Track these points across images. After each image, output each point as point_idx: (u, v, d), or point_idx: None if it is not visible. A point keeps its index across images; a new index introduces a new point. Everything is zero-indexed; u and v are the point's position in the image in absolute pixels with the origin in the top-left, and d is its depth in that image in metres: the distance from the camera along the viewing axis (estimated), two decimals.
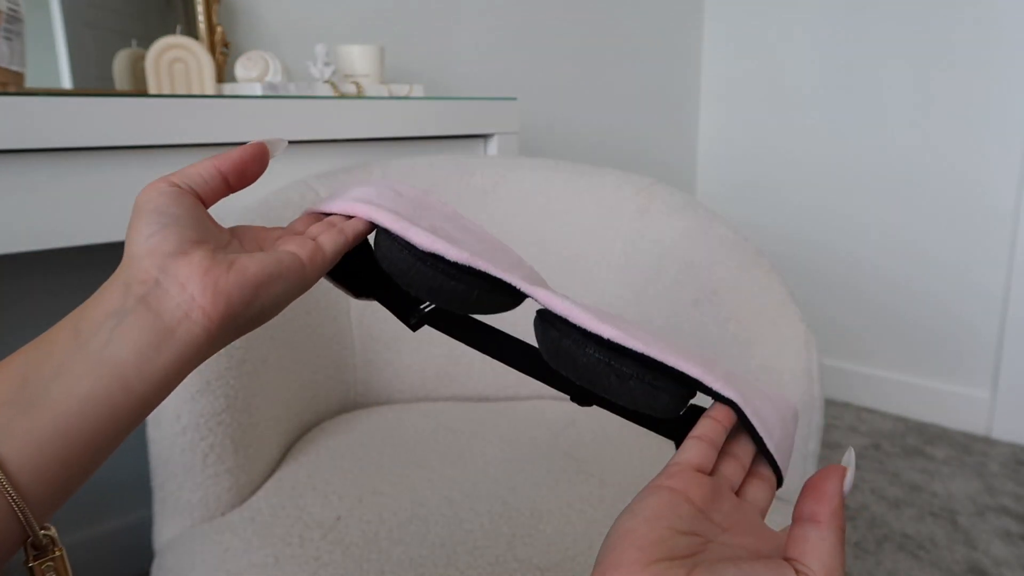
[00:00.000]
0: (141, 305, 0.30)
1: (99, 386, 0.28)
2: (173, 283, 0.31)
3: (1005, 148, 1.61)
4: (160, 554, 0.66)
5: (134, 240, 0.32)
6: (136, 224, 0.32)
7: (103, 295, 0.30)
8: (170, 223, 0.32)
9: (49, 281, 1.00)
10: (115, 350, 0.29)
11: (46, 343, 0.29)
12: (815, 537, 0.28)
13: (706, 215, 0.88)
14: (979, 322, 1.69)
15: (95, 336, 0.29)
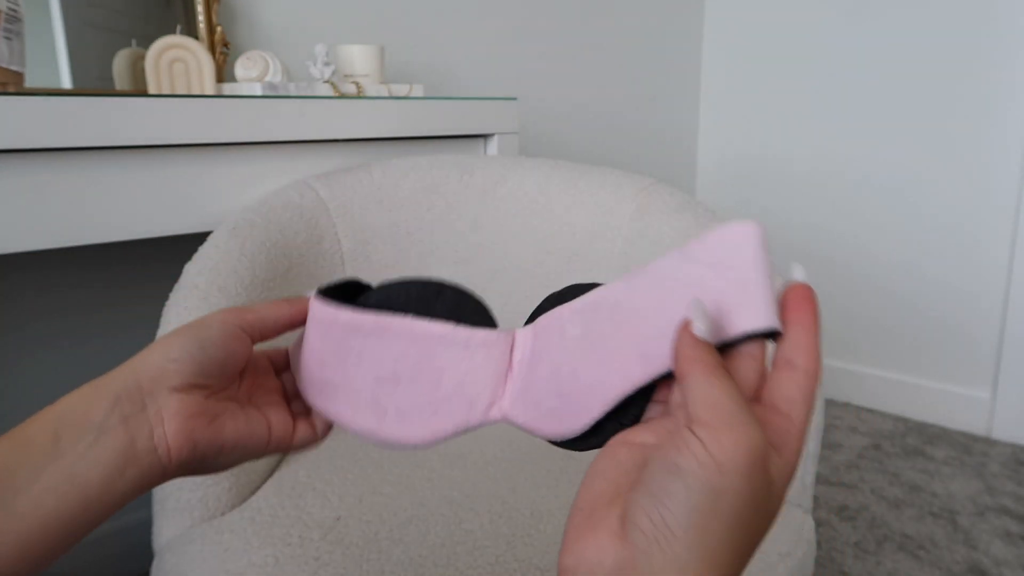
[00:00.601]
0: (121, 425, 0.32)
1: (63, 504, 0.30)
2: (156, 414, 0.33)
3: (1006, 148, 1.61)
4: (160, 554, 0.66)
5: (156, 352, 0.34)
6: (173, 338, 0.34)
7: (91, 398, 0.32)
8: (196, 361, 0.34)
9: (49, 281, 1.01)
10: (85, 469, 0.30)
11: (25, 443, 0.30)
12: (687, 387, 0.27)
13: (706, 215, 0.87)
14: (979, 322, 1.69)
15: (72, 448, 0.30)
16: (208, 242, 0.77)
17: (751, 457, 0.25)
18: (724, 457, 0.25)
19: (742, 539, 0.26)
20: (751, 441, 0.25)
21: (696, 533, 0.25)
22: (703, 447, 0.25)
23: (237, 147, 0.86)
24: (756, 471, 0.25)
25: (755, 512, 0.26)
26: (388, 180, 0.96)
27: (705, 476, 0.25)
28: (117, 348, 1.07)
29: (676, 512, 0.25)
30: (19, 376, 1.00)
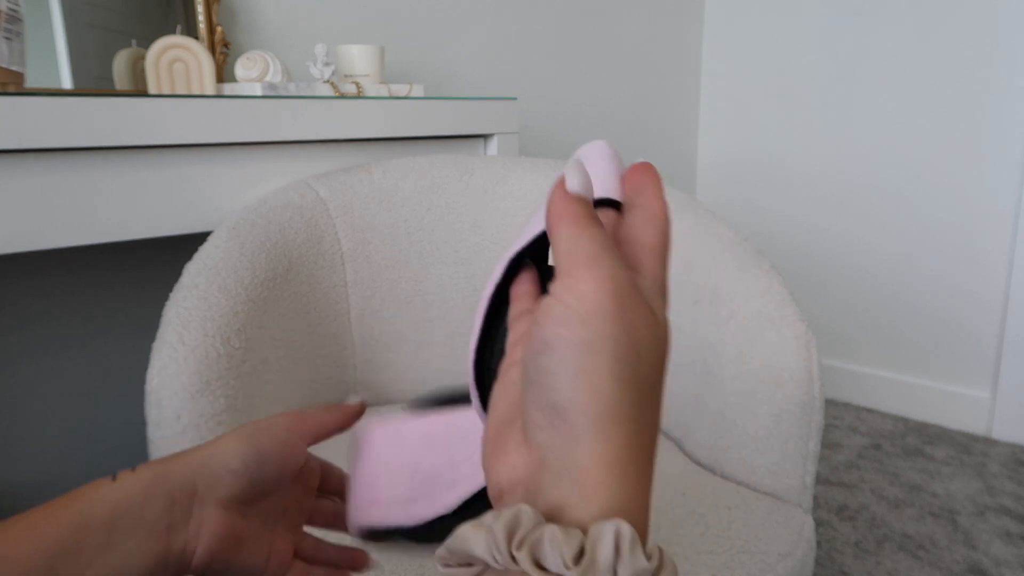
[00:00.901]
0: (165, 533, 0.33)
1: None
2: (196, 529, 0.34)
3: (1005, 149, 1.61)
4: None
5: (219, 457, 0.35)
6: (236, 444, 0.35)
7: (150, 492, 0.33)
8: (252, 478, 0.35)
9: (49, 281, 1.00)
10: (129, 567, 0.32)
11: (83, 528, 0.31)
12: (554, 243, 0.25)
13: (706, 215, 0.87)
14: (979, 322, 1.69)
15: (123, 543, 0.32)
16: (208, 242, 0.77)
17: (615, 292, 0.23)
18: (586, 306, 0.23)
19: (637, 379, 0.23)
20: (612, 275, 0.23)
21: (585, 398, 0.23)
22: (563, 305, 0.23)
23: (237, 147, 0.86)
24: (625, 304, 0.23)
25: (639, 346, 0.24)
26: (388, 180, 0.96)
27: (573, 336, 0.23)
28: (117, 347, 1.07)
29: (559, 387, 0.23)
30: (19, 375, 1.00)
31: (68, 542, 0.31)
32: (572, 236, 0.24)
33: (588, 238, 0.24)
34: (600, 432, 0.23)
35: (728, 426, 0.74)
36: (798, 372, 0.70)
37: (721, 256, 0.82)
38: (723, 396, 0.75)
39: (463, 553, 0.23)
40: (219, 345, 0.68)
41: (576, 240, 0.24)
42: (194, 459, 0.34)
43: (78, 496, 0.32)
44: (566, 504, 0.22)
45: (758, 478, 0.72)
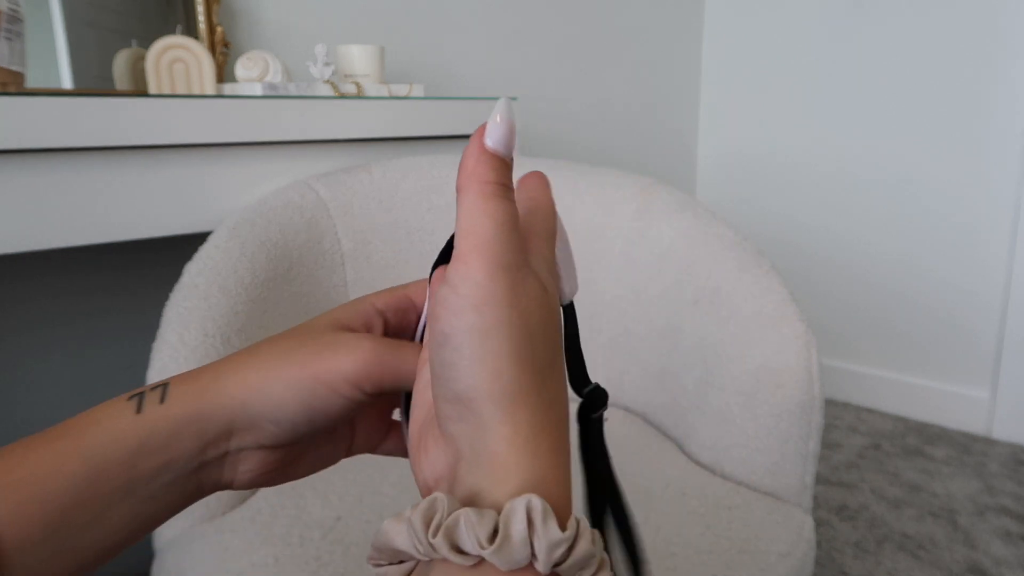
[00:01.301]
0: (195, 472, 0.28)
1: (122, 538, 0.27)
2: (232, 466, 0.29)
3: (1005, 149, 1.61)
4: (160, 554, 0.66)
5: (261, 405, 0.28)
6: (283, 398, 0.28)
7: (177, 430, 0.27)
8: (297, 432, 0.29)
9: (49, 281, 1.00)
10: (154, 510, 0.27)
11: (99, 473, 0.26)
12: (458, 211, 0.25)
13: (706, 215, 0.87)
14: (979, 322, 1.69)
15: (146, 486, 0.27)
16: (208, 242, 0.77)
17: (507, 278, 0.23)
18: (479, 294, 0.23)
19: (535, 358, 0.24)
20: (504, 261, 0.23)
21: (486, 384, 0.23)
22: (456, 295, 0.23)
23: (237, 147, 0.86)
24: (517, 289, 0.23)
25: (533, 327, 0.24)
26: (388, 180, 0.96)
27: (468, 325, 0.23)
28: (117, 347, 1.07)
29: (461, 377, 0.23)
30: (18, 375, 1.00)
31: (82, 491, 0.25)
32: (474, 212, 0.24)
33: (490, 216, 0.24)
34: (505, 414, 0.23)
35: (728, 426, 0.74)
36: (798, 372, 0.70)
37: (721, 256, 0.82)
38: (723, 396, 0.75)
39: (388, 549, 0.23)
40: (219, 345, 0.68)
41: (477, 218, 0.24)
42: (234, 399, 0.28)
43: (93, 426, 0.26)
44: (482, 489, 0.23)
45: (758, 478, 0.72)
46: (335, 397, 0.28)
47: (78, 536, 0.25)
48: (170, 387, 0.28)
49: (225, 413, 0.28)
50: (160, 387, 0.28)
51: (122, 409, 0.27)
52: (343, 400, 0.28)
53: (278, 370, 0.28)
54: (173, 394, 0.27)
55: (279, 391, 0.28)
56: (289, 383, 0.28)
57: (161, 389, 0.28)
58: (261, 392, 0.28)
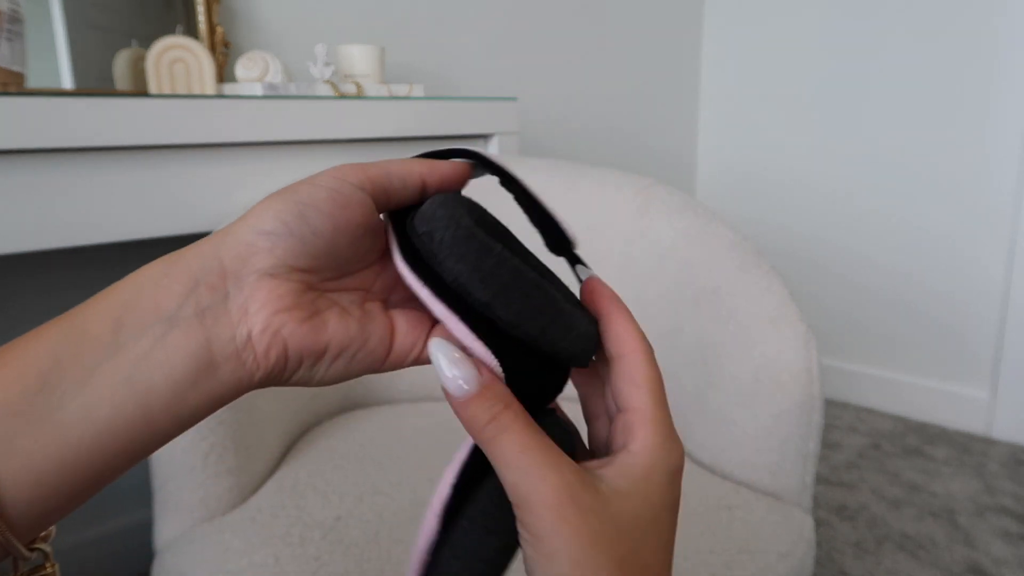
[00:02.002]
0: (196, 320, 0.24)
1: (120, 415, 0.23)
2: (240, 308, 0.25)
3: (1004, 149, 1.61)
4: (160, 554, 0.66)
5: (246, 222, 0.26)
6: (268, 203, 0.26)
7: (163, 280, 0.24)
8: (294, 235, 0.26)
9: (49, 281, 1.00)
10: (149, 372, 0.23)
11: (79, 332, 0.23)
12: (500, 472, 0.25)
13: (706, 215, 0.88)
14: (979, 322, 1.69)
15: (135, 342, 0.23)
16: None
17: (558, 499, 0.24)
18: (537, 529, 0.24)
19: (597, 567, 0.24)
20: (557, 483, 0.24)
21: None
22: (529, 544, 0.24)
23: (237, 147, 0.86)
24: (575, 522, 0.24)
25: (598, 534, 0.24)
26: None
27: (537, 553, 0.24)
28: None
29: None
30: None
31: (56, 350, 0.23)
32: (517, 469, 0.24)
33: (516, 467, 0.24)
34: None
35: (728, 426, 0.74)
36: (798, 372, 0.70)
37: (721, 256, 0.82)
38: (723, 396, 0.75)
39: None
40: None
41: (515, 474, 0.24)
42: (216, 236, 0.26)
43: (73, 311, 0.24)
44: None
45: (758, 478, 0.72)
46: (325, 191, 0.26)
47: (61, 405, 0.22)
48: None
49: (208, 247, 0.25)
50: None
51: (102, 292, 0.25)
52: (336, 192, 0.26)
53: (272, 204, 0.26)
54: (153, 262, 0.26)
55: (263, 203, 0.26)
56: (275, 194, 0.26)
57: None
58: (246, 214, 0.26)
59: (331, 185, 0.26)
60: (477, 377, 0.25)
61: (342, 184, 0.27)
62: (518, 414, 0.25)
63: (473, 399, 0.25)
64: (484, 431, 0.25)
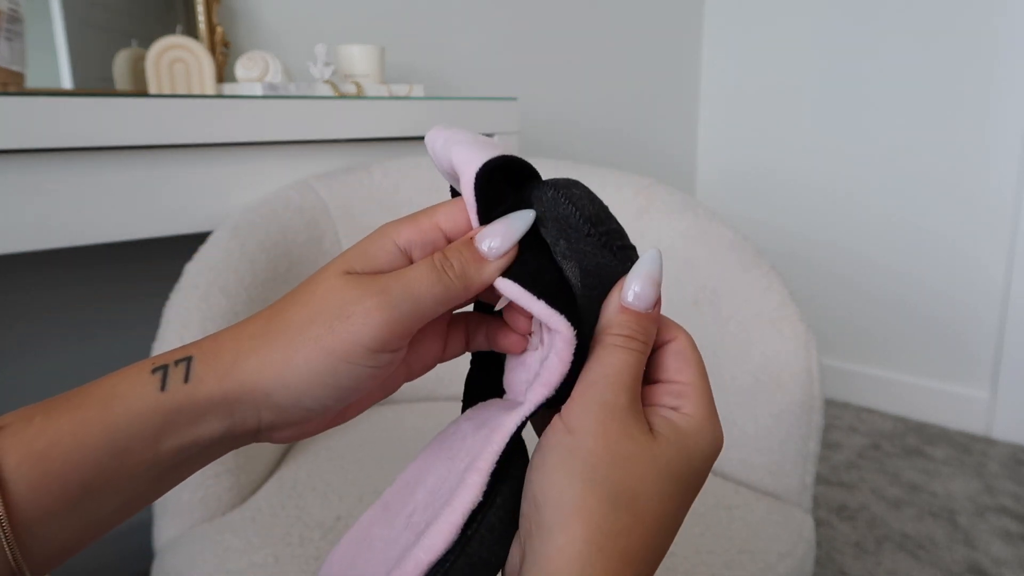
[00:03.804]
0: (225, 446, 0.28)
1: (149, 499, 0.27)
2: (268, 435, 0.28)
3: (1004, 149, 1.61)
4: (160, 554, 0.66)
5: (291, 391, 0.27)
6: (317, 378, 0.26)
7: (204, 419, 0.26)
8: (329, 412, 0.28)
9: (49, 281, 1.00)
10: (176, 476, 0.27)
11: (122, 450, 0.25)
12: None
13: (706, 215, 0.88)
14: (979, 322, 1.69)
15: (169, 460, 0.26)
16: (208, 242, 0.77)
17: (600, 415, 0.26)
18: (572, 421, 0.26)
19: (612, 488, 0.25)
20: (601, 400, 0.27)
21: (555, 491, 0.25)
22: (559, 418, 0.27)
23: (237, 147, 0.86)
24: (609, 426, 0.26)
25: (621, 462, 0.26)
26: (388, 180, 0.96)
27: (556, 440, 0.26)
28: (117, 348, 1.07)
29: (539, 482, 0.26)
30: (19, 376, 1.00)
31: (105, 465, 0.25)
32: (594, 359, 0.28)
33: (603, 363, 0.28)
34: (564, 525, 0.25)
35: (728, 426, 0.74)
36: (798, 372, 0.70)
37: (721, 256, 0.82)
38: (723, 396, 0.75)
39: None
40: None
41: (595, 364, 0.28)
42: (257, 388, 0.26)
43: (117, 400, 0.25)
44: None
45: (758, 478, 0.72)
46: (358, 368, 0.27)
47: (99, 506, 0.25)
48: (193, 363, 0.26)
49: (251, 401, 0.27)
50: (184, 362, 0.26)
51: (146, 383, 0.26)
52: (369, 369, 0.27)
53: (295, 353, 0.26)
54: (197, 372, 0.26)
55: (300, 377, 0.26)
56: (309, 366, 0.26)
57: (185, 365, 0.26)
58: (282, 380, 0.26)
59: (372, 363, 0.27)
60: (652, 306, 0.29)
61: (381, 358, 0.27)
62: (644, 356, 0.29)
63: (636, 315, 0.28)
64: (619, 339, 0.28)
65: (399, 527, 0.30)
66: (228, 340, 0.27)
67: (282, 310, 0.28)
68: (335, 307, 0.26)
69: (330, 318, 0.26)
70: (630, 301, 0.28)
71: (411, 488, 0.31)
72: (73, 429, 0.24)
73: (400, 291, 0.27)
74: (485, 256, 0.28)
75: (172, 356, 0.27)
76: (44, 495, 0.24)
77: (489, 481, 0.27)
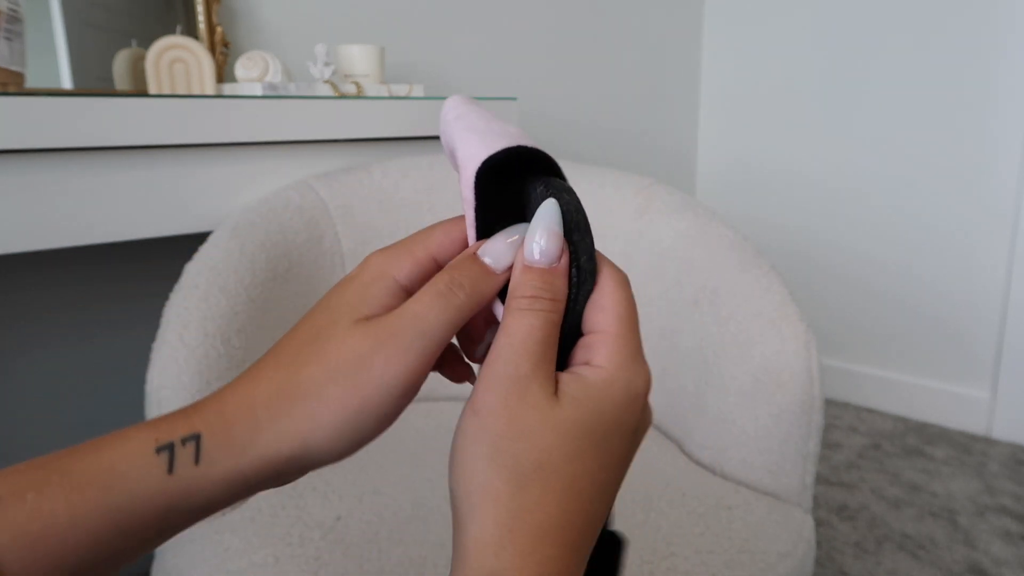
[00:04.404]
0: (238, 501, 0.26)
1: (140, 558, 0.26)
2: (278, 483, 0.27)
3: (1005, 149, 1.61)
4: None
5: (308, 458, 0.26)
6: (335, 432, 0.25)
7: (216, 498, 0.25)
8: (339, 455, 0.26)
9: (49, 281, 1.00)
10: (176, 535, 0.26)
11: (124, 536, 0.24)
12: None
13: (705, 215, 0.87)
14: (979, 322, 1.69)
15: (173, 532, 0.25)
16: (208, 242, 0.77)
17: (501, 390, 0.25)
18: (476, 401, 0.26)
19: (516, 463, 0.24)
20: (503, 374, 0.25)
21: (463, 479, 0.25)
22: (469, 401, 0.26)
23: (237, 147, 0.86)
24: (510, 400, 0.25)
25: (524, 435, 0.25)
26: (388, 180, 0.96)
27: (463, 426, 0.26)
28: (117, 348, 1.07)
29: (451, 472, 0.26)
30: (19, 376, 1.00)
31: (105, 545, 0.24)
32: (502, 327, 0.26)
33: (505, 334, 0.26)
34: (474, 511, 0.24)
35: (728, 426, 0.74)
36: (798, 372, 0.70)
37: (721, 256, 0.82)
38: (723, 396, 0.75)
39: None
40: (219, 345, 0.68)
41: (500, 333, 0.26)
42: (280, 455, 0.25)
43: (119, 481, 0.24)
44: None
45: (758, 478, 0.72)
46: (387, 411, 0.26)
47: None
48: (203, 442, 0.25)
49: (272, 470, 0.25)
50: (192, 440, 0.25)
51: (150, 463, 0.24)
52: (396, 410, 0.26)
53: (319, 416, 0.25)
54: (208, 452, 0.24)
55: (327, 437, 0.25)
56: (335, 425, 0.25)
57: (194, 445, 0.25)
58: (305, 445, 0.25)
59: (402, 405, 0.26)
60: (558, 259, 0.27)
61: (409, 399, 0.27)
62: (555, 315, 0.27)
63: (540, 272, 0.27)
64: (523, 301, 0.26)
65: None
66: (239, 409, 0.25)
67: (295, 369, 0.26)
68: (353, 362, 0.25)
69: (351, 374, 0.25)
70: (535, 258, 0.27)
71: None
72: (71, 513, 0.23)
73: (412, 331, 0.26)
74: (492, 270, 0.28)
75: (176, 430, 0.25)
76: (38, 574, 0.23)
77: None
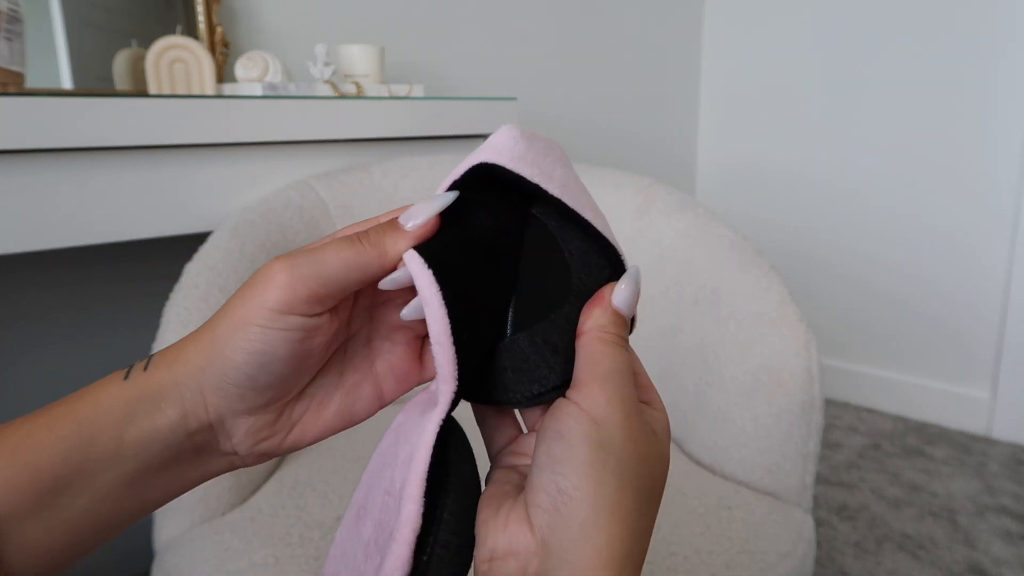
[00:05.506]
0: (187, 440, 0.28)
1: (120, 510, 0.27)
2: (226, 435, 0.29)
3: (1005, 148, 1.61)
4: (160, 554, 0.66)
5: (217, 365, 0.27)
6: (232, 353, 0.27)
7: (160, 406, 0.27)
8: (259, 388, 0.28)
9: (49, 281, 1.00)
10: (149, 479, 0.27)
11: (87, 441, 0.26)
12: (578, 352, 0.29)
13: (705, 215, 0.88)
14: (979, 322, 1.69)
15: (136, 457, 0.27)
16: (208, 242, 0.77)
17: (623, 408, 0.27)
18: (599, 413, 0.26)
19: (638, 487, 0.26)
20: (622, 393, 0.27)
21: (591, 487, 0.25)
22: (577, 407, 0.27)
23: (237, 147, 0.86)
24: (632, 422, 0.27)
25: (643, 460, 0.27)
26: (388, 180, 0.96)
27: (584, 431, 0.26)
28: (117, 348, 1.07)
29: (567, 473, 0.25)
30: (19, 377, 1.00)
31: (71, 455, 0.26)
32: (595, 352, 0.28)
33: (609, 357, 0.28)
34: (601, 524, 0.25)
35: (728, 426, 0.74)
36: (798, 372, 0.70)
37: (721, 256, 0.82)
38: (723, 396, 0.75)
39: None
40: None
41: (599, 356, 0.28)
42: (196, 365, 0.27)
43: (87, 394, 0.27)
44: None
45: (758, 478, 0.72)
46: (271, 333, 0.27)
47: (69, 504, 0.26)
48: (154, 357, 0.28)
49: (194, 383, 0.27)
50: (147, 359, 0.29)
51: (113, 379, 0.28)
52: (282, 333, 0.27)
53: (217, 330, 0.27)
54: (155, 363, 0.28)
55: (222, 352, 0.27)
56: (226, 338, 0.27)
57: (147, 360, 0.29)
58: (209, 357, 0.27)
59: (282, 325, 0.27)
60: (633, 311, 0.30)
61: (291, 320, 0.27)
62: (627, 352, 0.30)
63: (624, 320, 0.30)
64: (617, 337, 0.29)
65: (360, 560, 0.29)
66: (187, 336, 0.29)
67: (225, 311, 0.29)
68: (248, 283, 0.28)
69: (243, 290, 0.28)
70: (623, 308, 0.30)
71: (361, 520, 0.30)
72: (44, 422, 0.26)
73: (307, 256, 0.27)
74: (400, 226, 0.29)
75: (142, 359, 0.29)
76: (14, 490, 0.25)
77: (425, 503, 0.26)
